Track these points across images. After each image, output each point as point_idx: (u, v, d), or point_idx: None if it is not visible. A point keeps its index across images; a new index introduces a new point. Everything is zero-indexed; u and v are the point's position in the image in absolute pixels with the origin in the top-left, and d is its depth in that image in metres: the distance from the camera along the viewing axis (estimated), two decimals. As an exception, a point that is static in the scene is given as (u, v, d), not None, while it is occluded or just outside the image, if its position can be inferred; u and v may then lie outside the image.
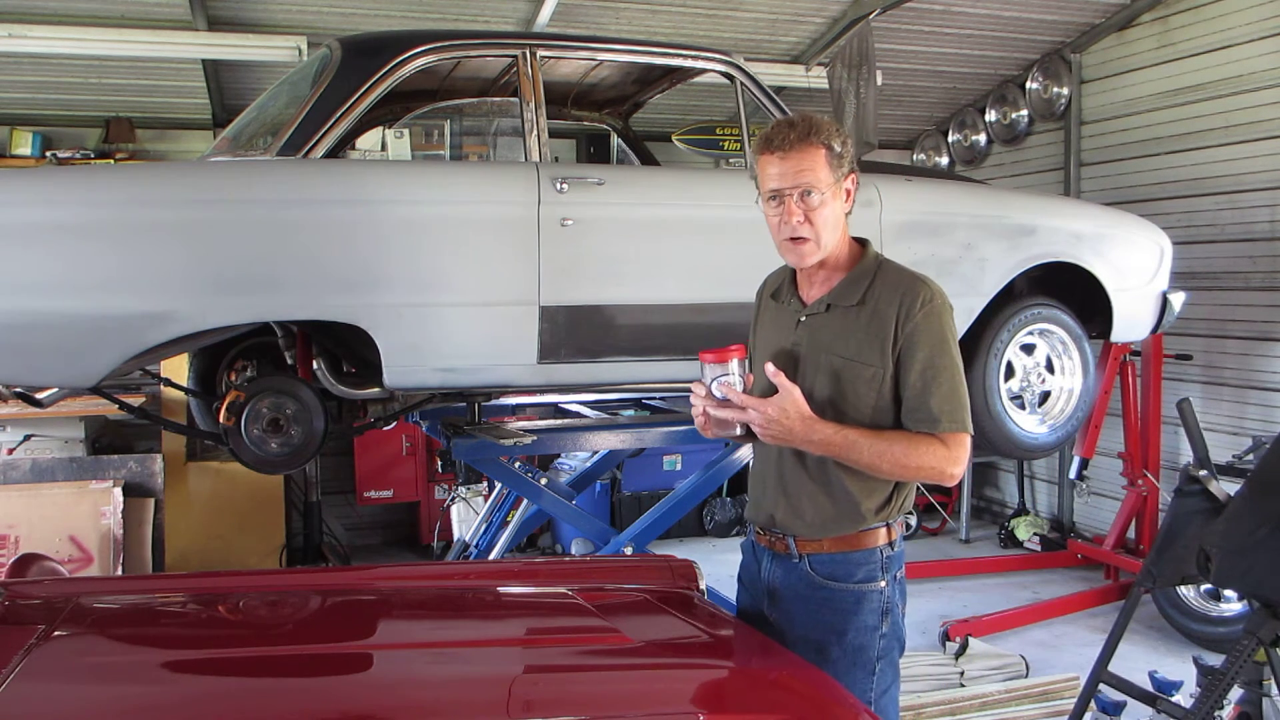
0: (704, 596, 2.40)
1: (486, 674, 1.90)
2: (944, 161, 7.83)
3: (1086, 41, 6.55)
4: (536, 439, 3.69)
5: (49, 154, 6.13)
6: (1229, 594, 4.82)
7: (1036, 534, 6.85)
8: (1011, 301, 4.20)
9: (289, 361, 3.53)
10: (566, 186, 3.46)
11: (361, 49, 3.48)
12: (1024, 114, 7.11)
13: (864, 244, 2.28)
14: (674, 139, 6.93)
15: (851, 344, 2.17)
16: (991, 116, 7.38)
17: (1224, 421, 5.72)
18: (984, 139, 7.53)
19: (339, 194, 3.27)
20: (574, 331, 3.50)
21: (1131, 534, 6.07)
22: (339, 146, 3.45)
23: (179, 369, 4.66)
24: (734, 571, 2.48)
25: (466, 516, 6.27)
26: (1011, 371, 4.28)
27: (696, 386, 2.21)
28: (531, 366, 3.48)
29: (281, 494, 6.20)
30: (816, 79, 6.40)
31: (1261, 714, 2.89)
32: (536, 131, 3.54)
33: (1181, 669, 3.97)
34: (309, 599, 2.38)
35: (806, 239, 2.17)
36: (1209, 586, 4.80)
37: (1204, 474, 3.12)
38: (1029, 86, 6.98)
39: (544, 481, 4.11)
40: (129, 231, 3.09)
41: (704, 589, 2.44)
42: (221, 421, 3.36)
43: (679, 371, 3.68)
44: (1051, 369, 4.39)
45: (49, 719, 1.66)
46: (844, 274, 2.24)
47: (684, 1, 5.82)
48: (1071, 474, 6.21)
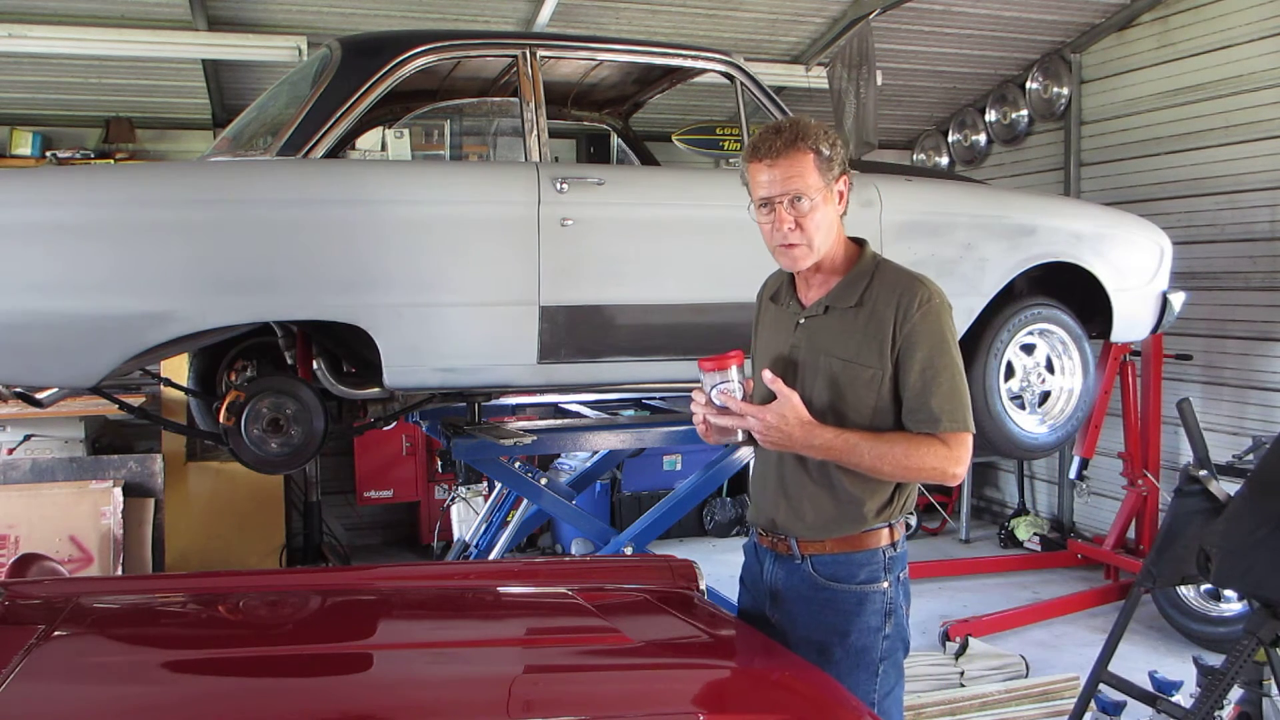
0: (704, 596, 2.40)
1: (486, 674, 1.90)
2: (944, 161, 7.83)
3: (1086, 41, 6.55)
4: (536, 439, 3.68)
5: (49, 154, 6.13)
6: (1229, 594, 4.82)
7: (1036, 534, 6.85)
8: (1011, 301, 4.20)
9: (289, 361, 3.53)
10: (566, 186, 3.46)
11: (361, 49, 3.48)
12: (1024, 114, 7.11)
13: (862, 244, 2.27)
14: (674, 139, 6.93)
15: (850, 345, 2.17)
16: (991, 116, 7.38)
17: (1224, 421, 5.72)
18: (984, 139, 7.53)
19: (339, 194, 3.27)
20: (574, 331, 3.50)
21: (1131, 534, 6.07)
22: (339, 146, 3.45)
23: (179, 369, 4.66)
24: (734, 571, 2.48)
25: (466, 516, 6.27)
26: (1011, 371, 4.28)
27: (697, 394, 2.20)
28: (531, 366, 3.48)
29: (281, 494, 6.20)
30: (816, 79, 6.40)
31: (1261, 714, 2.89)
32: (536, 131, 3.54)
33: (1181, 669, 3.97)
34: (309, 599, 2.38)
35: (798, 245, 2.16)
36: (1209, 586, 4.80)
37: (1204, 474, 3.12)
38: (1029, 86, 6.98)
39: (544, 481, 4.11)
40: (129, 231, 3.09)
41: (704, 589, 2.44)
42: (221, 421, 3.36)
43: (679, 372, 3.68)
44: (1051, 369, 4.39)
45: (49, 719, 1.66)
46: (841, 276, 2.23)
47: (684, 1, 5.82)
48: (1071, 474, 6.21)
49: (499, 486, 5.04)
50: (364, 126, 4.32)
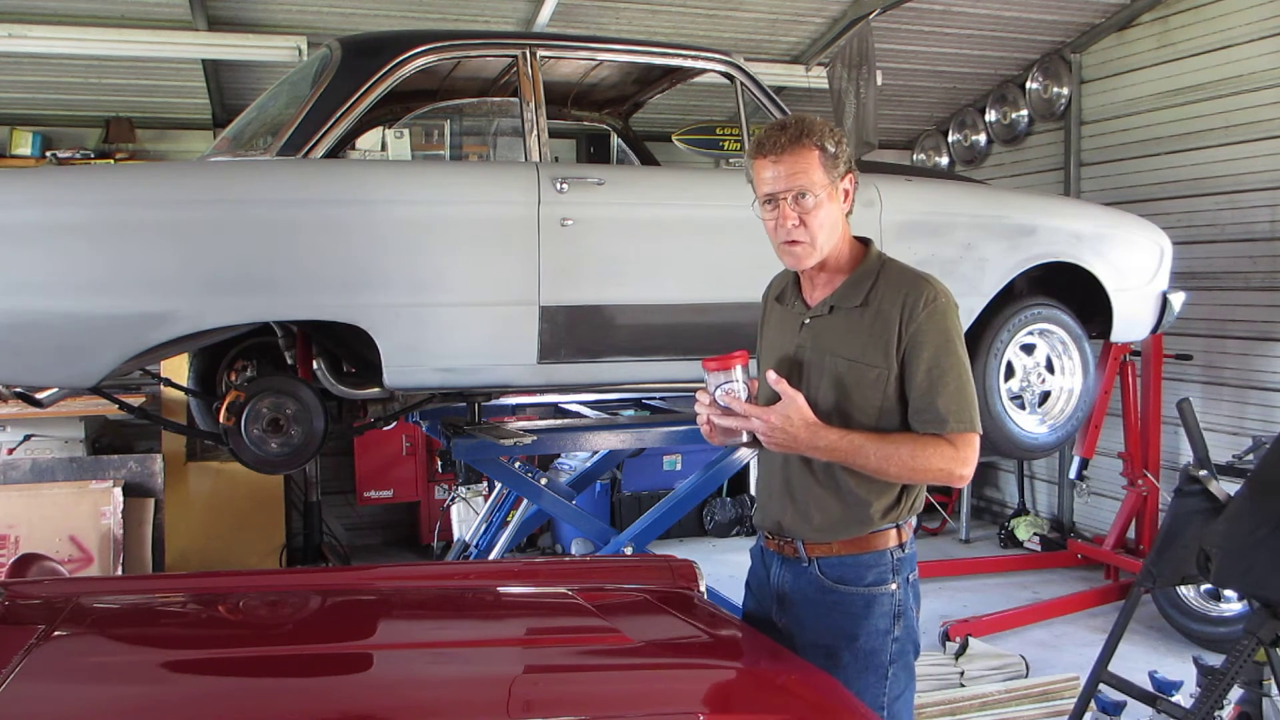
0: (704, 596, 2.40)
1: (486, 674, 1.90)
2: (944, 161, 7.83)
3: (1086, 41, 6.55)
4: (536, 439, 3.68)
5: (49, 154, 6.13)
6: (1229, 594, 4.82)
7: (1036, 534, 6.85)
8: (1011, 301, 4.20)
9: (289, 361, 3.53)
10: (566, 186, 3.46)
11: (361, 49, 3.48)
12: (1024, 114, 7.11)
13: (867, 244, 2.25)
14: (674, 139, 6.93)
15: (855, 345, 2.15)
16: (991, 116, 7.38)
17: (1224, 421, 5.72)
18: (984, 139, 7.53)
19: (339, 194, 3.27)
20: (574, 331, 3.50)
21: (1131, 534, 6.07)
22: (339, 146, 3.45)
23: (179, 369, 4.66)
24: (734, 571, 2.48)
25: (466, 516, 6.28)
26: (1011, 371, 4.28)
27: (701, 394, 2.18)
28: (531, 366, 3.48)
29: (281, 494, 6.20)
30: (816, 79, 6.40)
31: (1261, 714, 2.88)
32: (536, 131, 3.54)
33: (1181, 669, 3.97)
34: (309, 599, 2.37)
35: (802, 242, 2.14)
36: (1209, 586, 4.80)
37: (1204, 474, 3.12)
38: (1029, 86, 6.98)
39: (544, 481, 4.11)
40: (129, 232, 3.09)
41: (704, 589, 2.43)
42: (221, 421, 3.36)
43: (679, 371, 3.68)
44: (1051, 369, 4.39)
45: (49, 719, 1.66)
46: (847, 275, 2.21)
47: (684, 1, 5.82)
48: (1071, 474, 6.21)
49: (499, 486, 5.04)
50: (364, 126, 4.32)
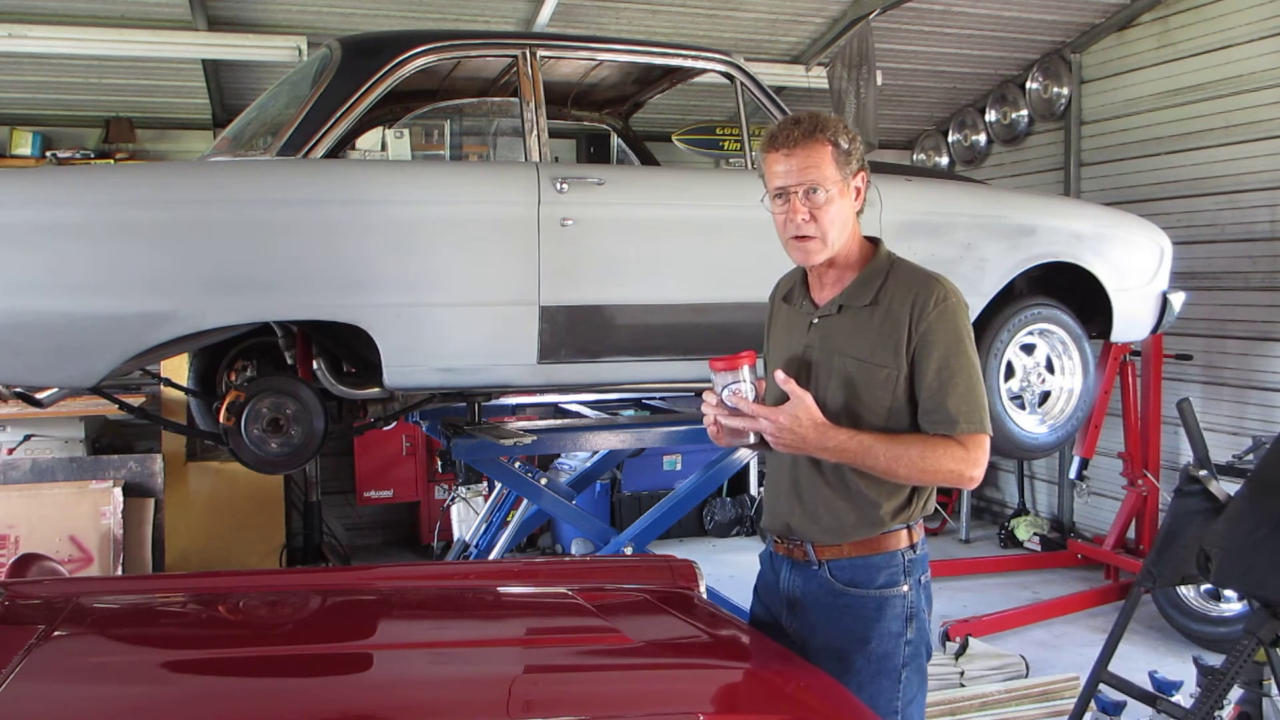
0: (704, 596, 2.40)
1: (486, 674, 1.90)
2: (944, 161, 7.83)
3: (1086, 41, 6.55)
4: (536, 439, 3.68)
5: (49, 154, 6.14)
6: (1229, 594, 4.82)
7: (1036, 534, 6.85)
8: (1011, 301, 4.21)
9: (289, 361, 3.53)
10: (566, 186, 3.46)
11: (361, 49, 3.48)
12: (1024, 114, 7.11)
13: (876, 243, 2.22)
14: (674, 139, 6.93)
15: (865, 345, 2.12)
16: (991, 116, 7.38)
17: (1224, 421, 5.72)
18: (984, 139, 7.53)
19: (339, 194, 3.27)
20: (574, 331, 3.50)
21: (1131, 534, 6.07)
22: (339, 146, 3.45)
23: (179, 369, 4.66)
24: (734, 572, 2.49)
25: (466, 516, 6.28)
26: (1011, 371, 4.28)
27: (708, 395, 2.15)
28: (531, 366, 3.48)
29: (281, 494, 6.20)
30: (816, 79, 6.40)
31: (1261, 714, 2.89)
32: (536, 131, 3.54)
33: (1181, 669, 3.97)
34: (309, 599, 2.37)
35: (812, 237, 2.11)
36: (1209, 586, 4.80)
37: (1204, 474, 3.12)
38: (1029, 86, 6.98)
39: (544, 481, 4.11)
40: (129, 232, 3.09)
41: (704, 589, 2.43)
42: (221, 421, 3.36)
43: (679, 371, 3.68)
44: (1051, 369, 4.40)
45: (49, 719, 1.66)
46: (855, 274, 2.18)
47: (684, 1, 5.82)
48: (1071, 474, 6.21)
49: (499, 486, 5.04)
50: (364, 126, 4.32)
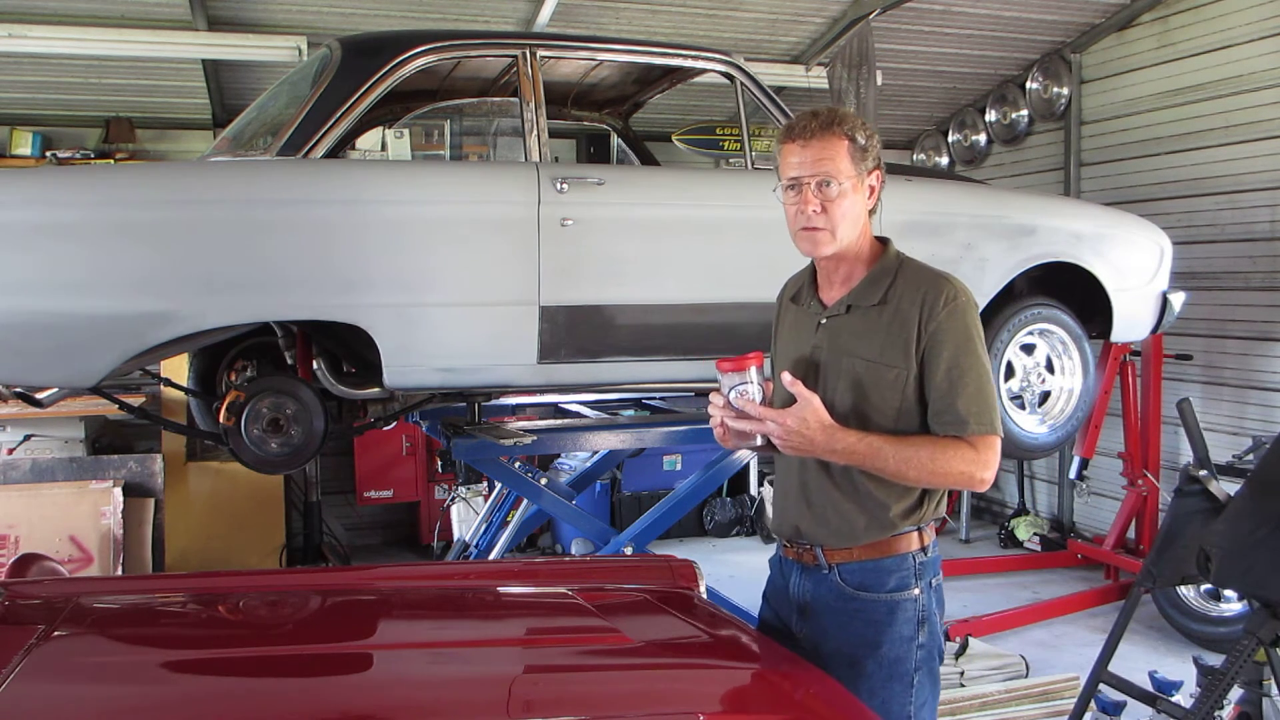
0: (704, 596, 2.40)
1: (486, 674, 1.90)
2: (944, 161, 7.83)
3: (1086, 41, 6.55)
4: (536, 439, 3.69)
5: (49, 154, 6.14)
6: (1229, 594, 4.82)
7: (1036, 534, 6.85)
8: (1011, 301, 4.21)
9: (289, 361, 3.53)
10: (566, 186, 3.46)
11: (361, 49, 3.48)
12: (1024, 114, 7.11)
13: (886, 243, 2.21)
14: (674, 139, 6.94)
15: (873, 345, 2.09)
16: (991, 116, 7.38)
17: (1224, 421, 5.72)
18: (984, 139, 7.53)
19: (339, 194, 3.27)
20: (574, 331, 3.50)
21: (1131, 534, 6.06)
22: (339, 146, 3.45)
23: (179, 369, 4.66)
24: (734, 572, 2.48)
25: (466, 516, 6.28)
26: (1011, 371, 4.28)
27: (714, 396, 2.12)
28: (531, 366, 3.48)
29: (281, 494, 6.20)
30: (816, 79, 6.40)
31: (1261, 714, 2.88)
32: (536, 131, 3.54)
33: (1181, 669, 3.96)
34: (309, 599, 2.37)
35: (822, 229, 2.09)
36: (1209, 586, 4.80)
37: (1204, 474, 3.12)
38: (1029, 86, 6.98)
39: (544, 481, 4.11)
40: (129, 232, 3.09)
41: (704, 589, 2.43)
42: (221, 421, 3.36)
43: (679, 371, 3.68)
44: (1051, 369, 4.40)
45: (49, 719, 1.66)
46: (864, 274, 2.16)
47: (684, 1, 5.82)
48: (1071, 474, 6.21)
49: (499, 486, 5.04)
50: (364, 126, 4.32)
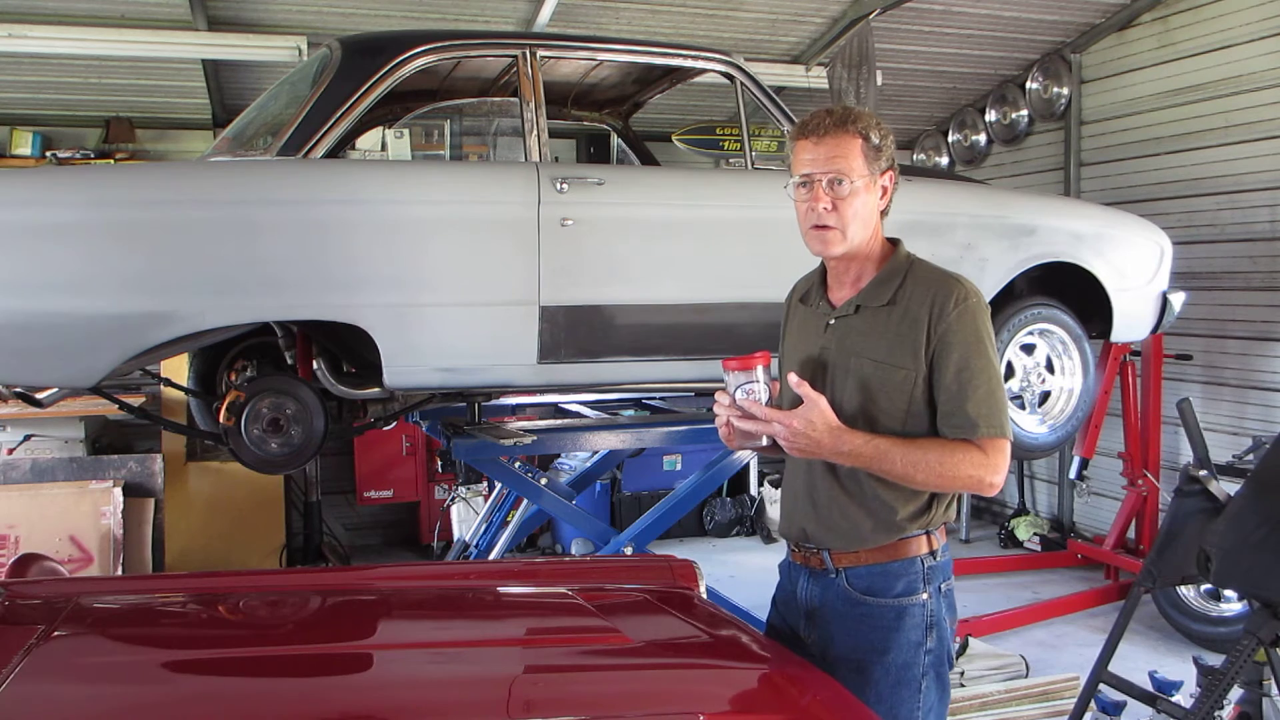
0: (704, 596, 2.40)
1: (486, 674, 1.90)
2: (944, 161, 7.83)
3: (1086, 41, 6.55)
4: (536, 439, 3.69)
5: (49, 154, 6.14)
6: (1229, 594, 4.82)
7: (1036, 534, 6.85)
8: (1011, 301, 4.21)
9: (289, 361, 3.53)
10: (566, 186, 3.46)
11: (361, 49, 3.48)
12: (1024, 114, 7.11)
13: (897, 244, 2.19)
14: (674, 139, 6.94)
15: (882, 346, 2.07)
16: (991, 116, 7.38)
17: (1224, 421, 5.72)
18: (984, 139, 7.53)
19: (339, 194, 3.27)
20: (574, 331, 3.50)
21: (1131, 534, 6.06)
22: (339, 146, 3.45)
23: (179, 369, 4.66)
24: (734, 572, 2.48)
25: (466, 516, 6.28)
26: (1011, 372, 4.28)
27: (720, 395, 2.09)
28: (531, 366, 3.48)
29: (281, 494, 6.20)
30: (816, 79, 6.40)
31: (1261, 714, 2.89)
32: (536, 131, 3.54)
33: (1181, 669, 3.96)
34: (309, 599, 2.37)
35: (831, 228, 2.07)
36: (1209, 586, 4.80)
37: (1204, 474, 3.12)
38: (1029, 86, 6.98)
39: (544, 481, 4.11)
40: (129, 231, 3.09)
41: (704, 589, 2.43)
42: (221, 421, 3.36)
43: (679, 371, 3.68)
44: (1051, 369, 4.40)
45: (49, 719, 1.66)
46: (875, 274, 2.14)
47: (684, 1, 5.82)
48: (1071, 474, 6.21)
49: (499, 486, 5.04)
50: (364, 126, 4.32)
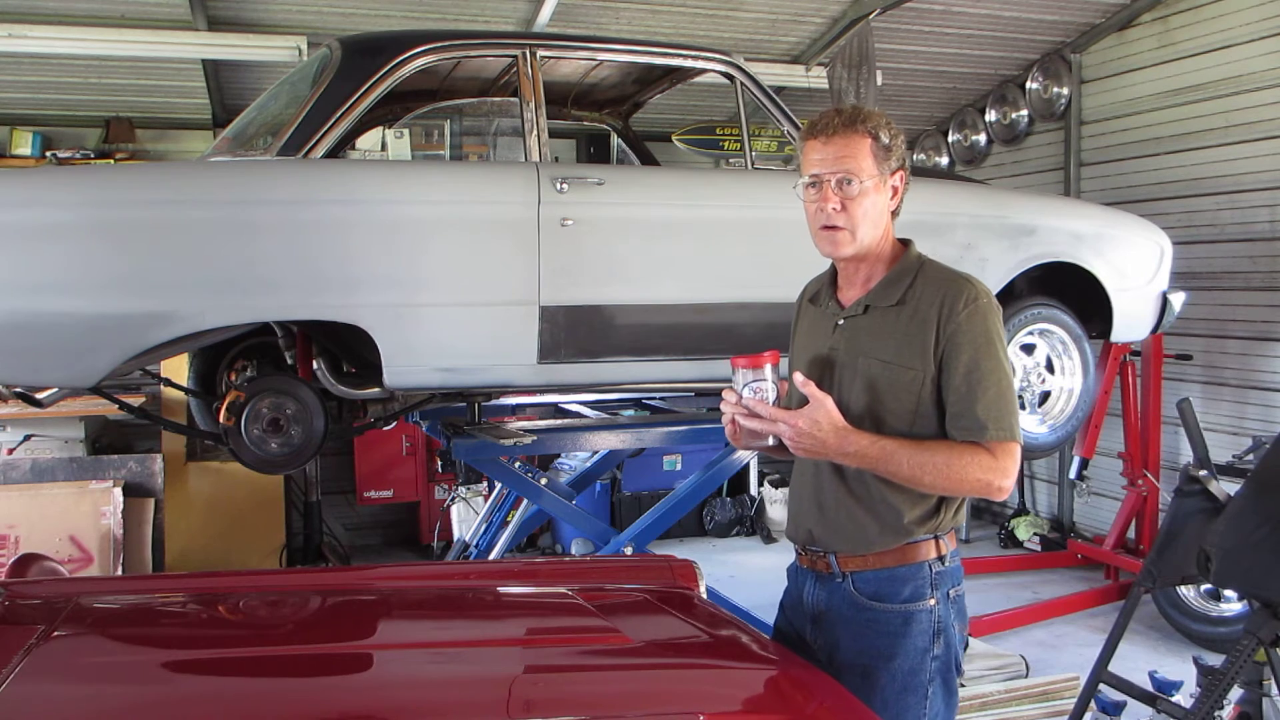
0: (704, 596, 2.40)
1: (486, 674, 1.90)
2: (944, 161, 7.83)
3: (1086, 41, 6.55)
4: (536, 439, 3.69)
5: (49, 154, 6.14)
6: (1229, 594, 4.82)
7: (1036, 534, 6.85)
8: (1011, 301, 4.21)
9: (289, 361, 3.53)
10: (566, 186, 3.46)
11: (361, 49, 3.48)
12: (1024, 114, 7.11)
13: (908, 244, 2.17)
14: (674, 139, 6.94)
15: (890, 346, 2.05)
16: (991, 116, 7.37)
17: (1224, 421, 5.72)
18: (984, 139, 7.53)
19: (339, 194, 3.27)
20: (574, 331, 3.49)
21: (1131, 534, 6.06)
22: (339, 146, 3.45)
23: (179, 369, 4.66)
24: (734, 572, 2.48)
25: (466, 516, 6.28)
26: (1011, 371, 4.27)
27: (727, 394, 2.07)
28: (531, 366, 3.48)
29: (281, 494, 6.21)
30: (816, 79, 6.40)
31: (1261, 714, 2.89)
32: (536, 131, 3.54)
33: (1181, 669, 3.96)
34: (309, 599, 2.37)
35: (841, 228, 2.05)
36: (1209, 586, 4.80)
37: (1204, 474, 3.12)
38: (1029, 86, 6.98)
39: (544, 481, 4.11)
40: (129, 231, 3.09)
41: (704, 589, 2.43)
42: (221, 421, 3.36)
43: (679, 371, 3.68)
44: (1051, 369, 4.40)
45: (49, 719, 1.66)
46: (885, 274, 2.13)
47: (684, 1, 5.82)
48: (1071, 474, 6.22)
49: (499, 486, 5.04)
50: (364, 126, 4.32)
